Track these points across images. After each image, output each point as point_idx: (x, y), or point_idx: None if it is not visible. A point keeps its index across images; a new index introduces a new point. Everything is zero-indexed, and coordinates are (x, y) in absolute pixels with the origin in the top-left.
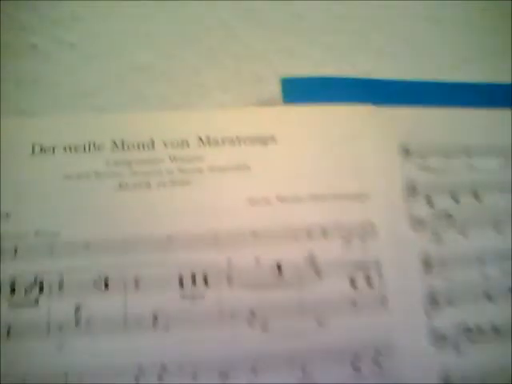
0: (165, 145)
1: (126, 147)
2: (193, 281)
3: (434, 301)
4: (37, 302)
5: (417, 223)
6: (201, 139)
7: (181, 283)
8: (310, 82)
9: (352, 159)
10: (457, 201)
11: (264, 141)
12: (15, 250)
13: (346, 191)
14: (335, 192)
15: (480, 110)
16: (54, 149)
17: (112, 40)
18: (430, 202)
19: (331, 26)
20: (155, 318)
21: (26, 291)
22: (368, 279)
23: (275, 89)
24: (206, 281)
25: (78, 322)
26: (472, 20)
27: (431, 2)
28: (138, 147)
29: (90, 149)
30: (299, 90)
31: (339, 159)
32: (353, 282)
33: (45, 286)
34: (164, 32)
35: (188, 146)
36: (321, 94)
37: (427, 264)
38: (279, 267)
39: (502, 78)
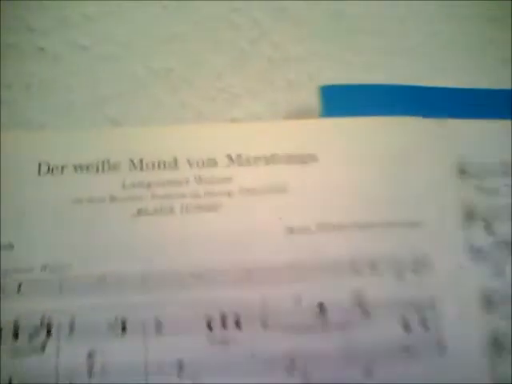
0: (189, 164)
1: (145, 167)
2: (222, 323)
3: (497, 345)
4: (43, 347)
5: (476, 253)
6: (230, 157)
7: (209, 326)
8: (352, 90)
9: (402, 181)
10: None
11: (303, 159)
12: (18, 287)
13: (396, 218)
14: (384, 219)
15: None
16: (63, 168)
17: (128, 43)
18: (489, 228)
19: (376, 27)
20: (180, 366)
21: (30, 335)
22: (423, 320)
23: (312, 98)
24: (237, 323)
25: (90, 371)
26: None
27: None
28: (159, 167)
29: (104, 169)
30: (341, 100)
31: (388, 181)
32: (405, 324)
33: (53, 328)
34: (186, 33)
35: (216, 165)
36: (365, 104)
37: (489, 301)
38: (321, 307)
39: None
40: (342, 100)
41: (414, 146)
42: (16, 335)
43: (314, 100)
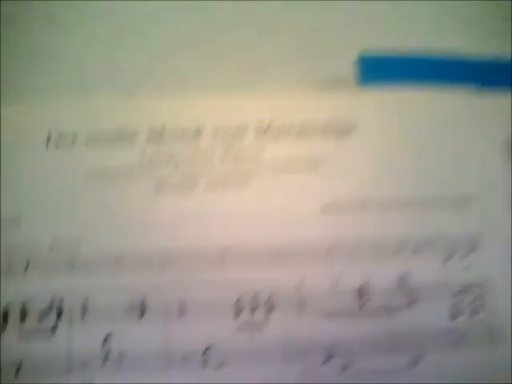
0: (215, 135)
1: (166, 137)
2: (252, 307)
3: None
4: (54, 331)
5: None
6: (260, 129)
7: (237, 310)
8: (392, 59)
9: (449, 156)
10: None
11: (340, 132)
12: (26, 266)
13: (444, 195)
14: (431, 196)
15: None
16: (74, 139)
17: (146, 8)
18: None
19: None
20: (205, 352)
21: (40, 318)
22: (473, 304)
23: (348, 67)
24: (269, 307)
25: (106, 358)
26: None
27: None
28: (181, 137)
29: (120, 139)
30: (379, 70)
31: (433, 156)
32: (455, 309)
33: (64, 311)
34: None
35: (244, 137)
36: (407, 74)
37: None
38: (363, 290)
39: None
40: (380, 70)
41: (463, 119)
42: (24, 317)
43: (351, 70)
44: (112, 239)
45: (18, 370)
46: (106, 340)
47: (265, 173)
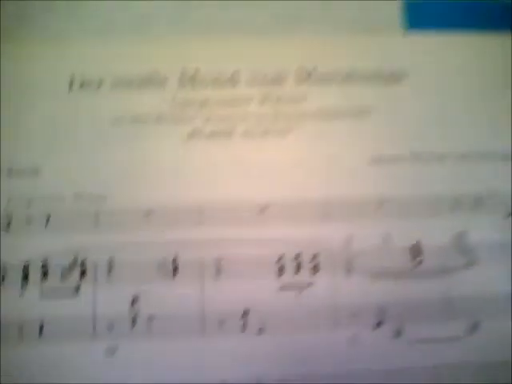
0: (253, 80)
1: (199, 82)
2: (297, 266)
3: None
4: (77, 290)
5: None
6: (302, 74)
7: (280, 269)
8: (438, 4)
9: (505, 106)
10: None
11: (389, 78)
12: (47, 219)
13: (500, 148)
14: (491, 149)
15: None
16: (100, 83)
17: None
18: None
19: None
20: (244, 315)
21: (62, 275)
22: None
23: (393, 12)
24: (314, 266)
25: (134, 321)
26: None
27: None
28: (217, 82)
29: (149, 83)
30: (426, 15)
31: (487, 106)
32: None
33: (88, 268)
34: None
35: (285, 82)
36: (452, 19)
37: None
38: (416, 249)
39: None
40: (427, 15)
41: None
42: (45, 274)
43: (395, 14)
44: (141, 191)
45: (40, 330)
46: (134, 301)
47: (307, 121)
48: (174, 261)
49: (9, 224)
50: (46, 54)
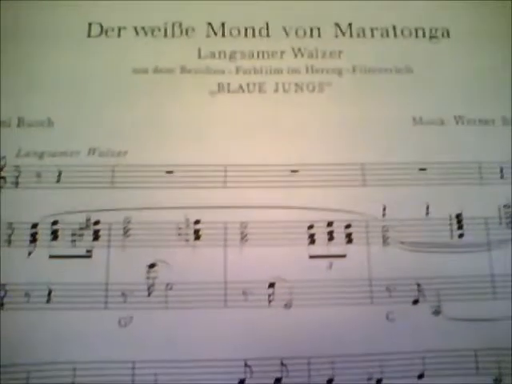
0: (286, 32)
1: (227, 33)
2: (329, 234)
3: None
4: (90, 253)
5: None
6: (339, 27)
7: (311, 237)
8: None
9: None
10: None
11: (432, 34)
12: (58, 176)
13: None
14: None
15: None
16: (120, 30)
17: None
18: None
19: None
20: (271, 286)
21: (73, 237)
22: None
23: None
24: (348, 235)
25: (151, 288)
26: None
27: None
28: (246, 34)
29: (174, 33)
30: None
31: None
32: None
33: (102, 230)
34: None
35: (320, 35)
36: None
37: None
38: (458, 220)
39: None
40: None
41: None
42: (55, 235)
43: None
44: (161, 148)
45: (49, 295)
46: (150, 268)
47: (346, 76)
48: (196, 224)
49: (17, 179)
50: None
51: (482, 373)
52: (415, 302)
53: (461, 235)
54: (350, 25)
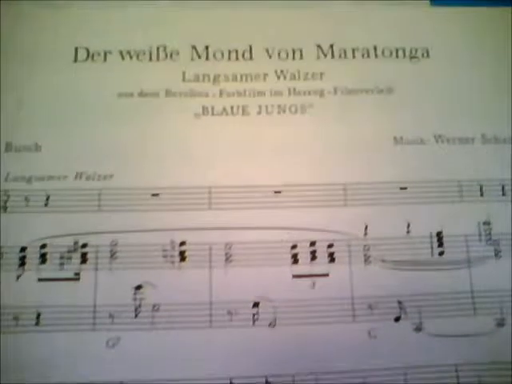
0: (268, 54)
1: (211, 56)
2: (312, 253)
3: None
4: (78, 276)
5: None
6: (320, 49)
7: (294, 256)
8: None
9: None
10: None
11: (412, 54)
12: (46, 199)
13: None
14: None
15: None
16: (106, 55)
17: None
18: None
19: None
20: (255, 306)
21: (61, 260)
22: None
23: None
24: (331, 254)
25: (137, 311)
26: None
27: None
28: (230, 56)
29: (159, 57)
30: None
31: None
32: None
33: (90, 253)
34: None
35: (302, 57)
36: None
37: None
38: (438, 238)
39: None
40: None
41: None
42: (44, 258)
43: None
44: (147, 171)
45: (38, 317)
46: (137, 290)
47: (325, 98)
48: (181, 246)
49: (5, 203)
50: (49, 21)
51: None
52: (397, 319)
53: (441, 253)
54: (331, 46)
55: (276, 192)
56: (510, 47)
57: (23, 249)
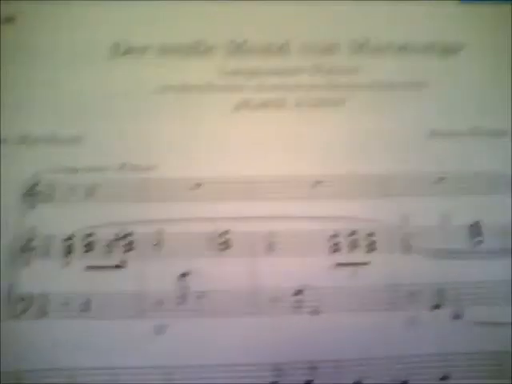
0: (305, 49)
1: (248, 50)
2: (352, 243)
3: None
4: (124, 264)
5: None
6: (356, 44)
7: (335, 246)
8: None
9: None
10: None
11: (445, 49)
12: (91, 189)
13: None
14: None
15: None
16: (144, 50)
17: None
18: None
19: None
20: (297, 293)
21: (107, 248)
22: None
23: None
24: (371, 244)
25: (183, 298)
26: None
27: None
28: (267, 51)
29: (197, 52)
30: None
31: None
32: None
33: (135, 242)
34: None
35: (338, 52)
36: None
37: None
38: (476, 228)
39: None
40: None
41: None
42: (90, 246)
43: None
44: (188, 162)
45: (85, 305)
46: (182, 278)
47: (362, 92)
48: (225, 236)
49: (51, 194)
50: (87, 18)
51: (504, 375)
52: (436, 306)
53: (480, 241)
54: (366, 41)
55: (315, 183)
56: None
57: (70, 237)
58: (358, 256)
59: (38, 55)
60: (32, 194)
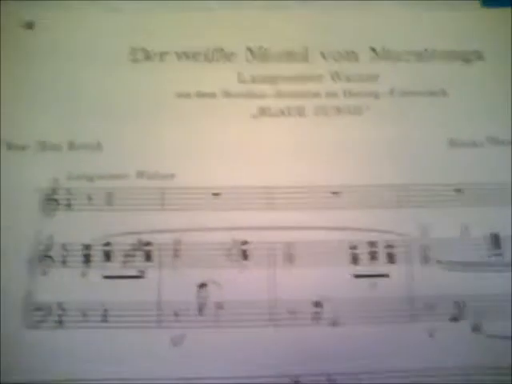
0: (324, 57)
1: (267, 58)
2: (372, 254)
3: None
4: (142, 273)
5: None
6: (375, 51)
7: (354, 257)
8: None
9: None
10: None
11: (466, 57)
12: (109, 197)
13: None
14: None
15: None
16: (163, 55)
17: None
18: None
19: None
20: (317, 305)
21: (125, 257)
22: None
23: None
24: (390, 254)
25: (202, 306)
26: None
27: None
28: (286, 58)
29: (215, 58)
30: None
31: None
32: None
33: (154, 251)
34: None
35: (357, 59)
36: None
37: None
38: (495, 239)
39: None
40: None
41: None
42: (108, 255)
43: None
44: (207, 171)
45: (104, 314)
46: (201, 288)
47: (383, 100)
48: (243, 245)
49: (69, 201)
50: (107, 25)
51: None
52: (455, 319)
53: (498, 254)
54: (385, 49)
55: (334, 193)
56: None
57: (87, 246)
58: (377, 267)
59: (58, 62)
60: (50, 202)
